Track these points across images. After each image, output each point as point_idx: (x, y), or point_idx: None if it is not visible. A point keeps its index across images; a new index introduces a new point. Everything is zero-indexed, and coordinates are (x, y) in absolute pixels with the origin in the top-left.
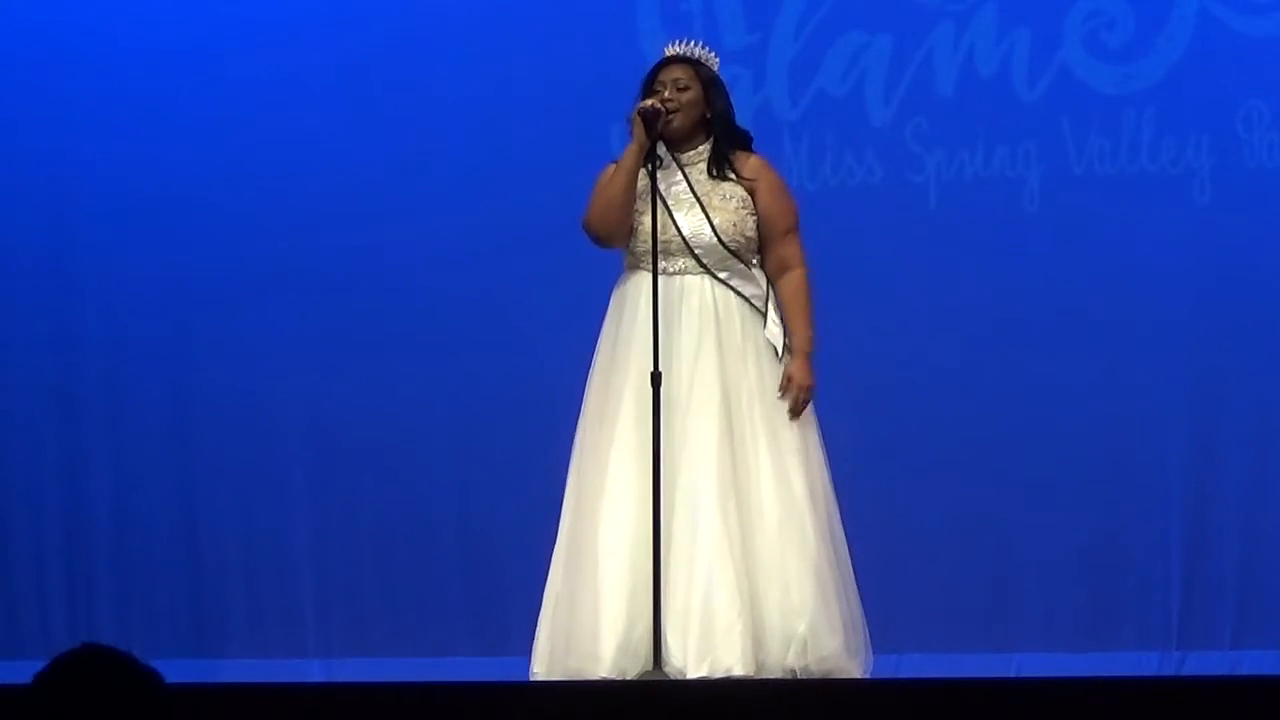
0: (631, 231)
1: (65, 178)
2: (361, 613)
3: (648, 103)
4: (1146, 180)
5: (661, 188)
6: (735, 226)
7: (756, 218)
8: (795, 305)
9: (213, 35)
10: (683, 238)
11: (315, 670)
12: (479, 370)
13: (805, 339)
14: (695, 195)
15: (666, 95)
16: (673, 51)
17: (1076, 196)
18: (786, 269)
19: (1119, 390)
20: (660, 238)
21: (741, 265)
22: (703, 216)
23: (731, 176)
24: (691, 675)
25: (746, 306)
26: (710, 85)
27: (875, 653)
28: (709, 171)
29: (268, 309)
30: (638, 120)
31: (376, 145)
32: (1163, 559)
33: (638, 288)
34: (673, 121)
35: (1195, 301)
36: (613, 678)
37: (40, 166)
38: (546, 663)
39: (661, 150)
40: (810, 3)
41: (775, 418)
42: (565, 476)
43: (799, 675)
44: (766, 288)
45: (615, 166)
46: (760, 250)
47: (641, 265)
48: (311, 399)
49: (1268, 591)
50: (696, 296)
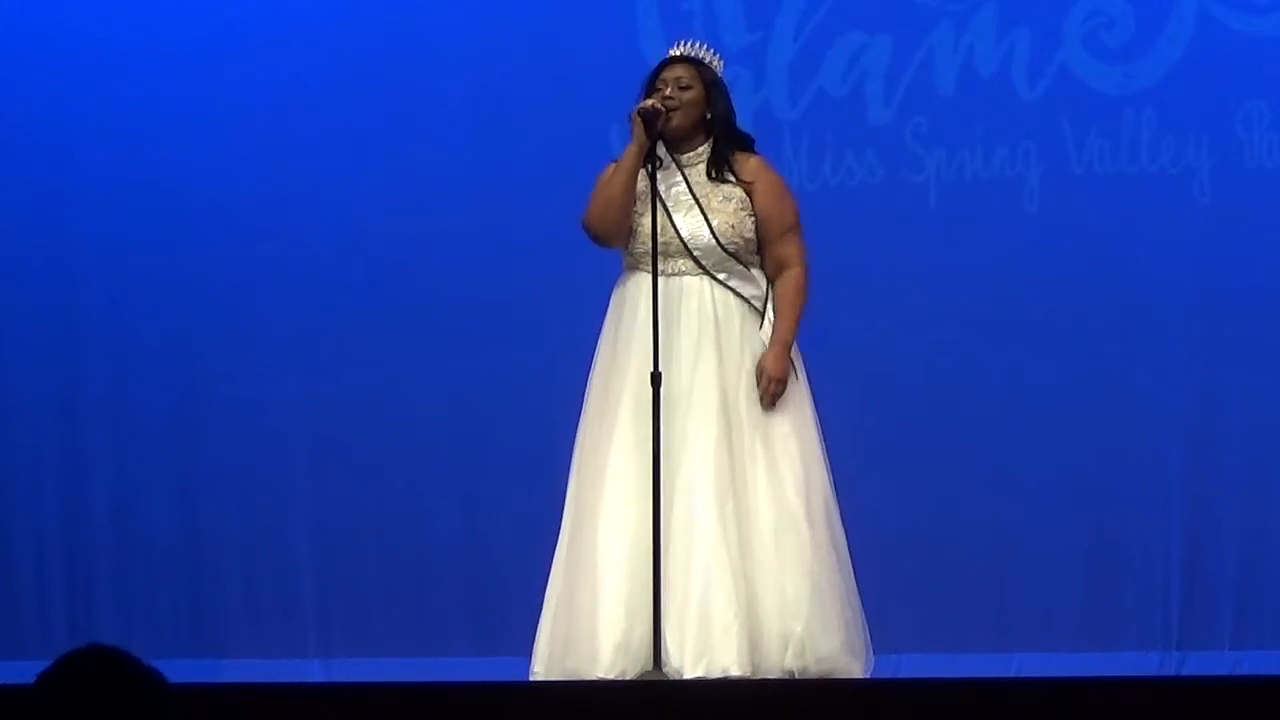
0: (630, 231)
1: (66, 178)
2: (361, 613)
3: (648, 103)
4: (1146, 180)
5: (661, 189)
6: (734, 228)
7: (755, 219)
8: (785, 300)
9: (213, 35)
10: (681, 239)
11: (315, 670)
12: (479, 370)
13: (786, 329)
14: (694, 197)
15: (668, 94)
16: (677, 51)
17: (1076, 196)
18: (785, 268)
19: (1119, 390)
20: (659, 239)
21: (740, 266)
22: (701, 218)
23: (730, 178)
24: (688, 675)
25: (746, 307)
26: (712, 86)
27: (875, 653)
28: (708, 173)
29: (267, 309)
30: (637, 120)
31: (377, 146)
32: (1163, 559)
33: (637, 289)
34: (673, 120)
35: (1195, 301)
36: (612, 678)
37: (41, 167)
38: (546, 663)
39: (661, 151)
40: (810, 3)
41: (774, 419)
42: (565, 477)
43: (796, 676)
44: (766, 288)
45: (615, 166)
46: (760, 250)
47: (641, 266)
48: (311, 398)
49: (1268, 591)
50: (695, 298)
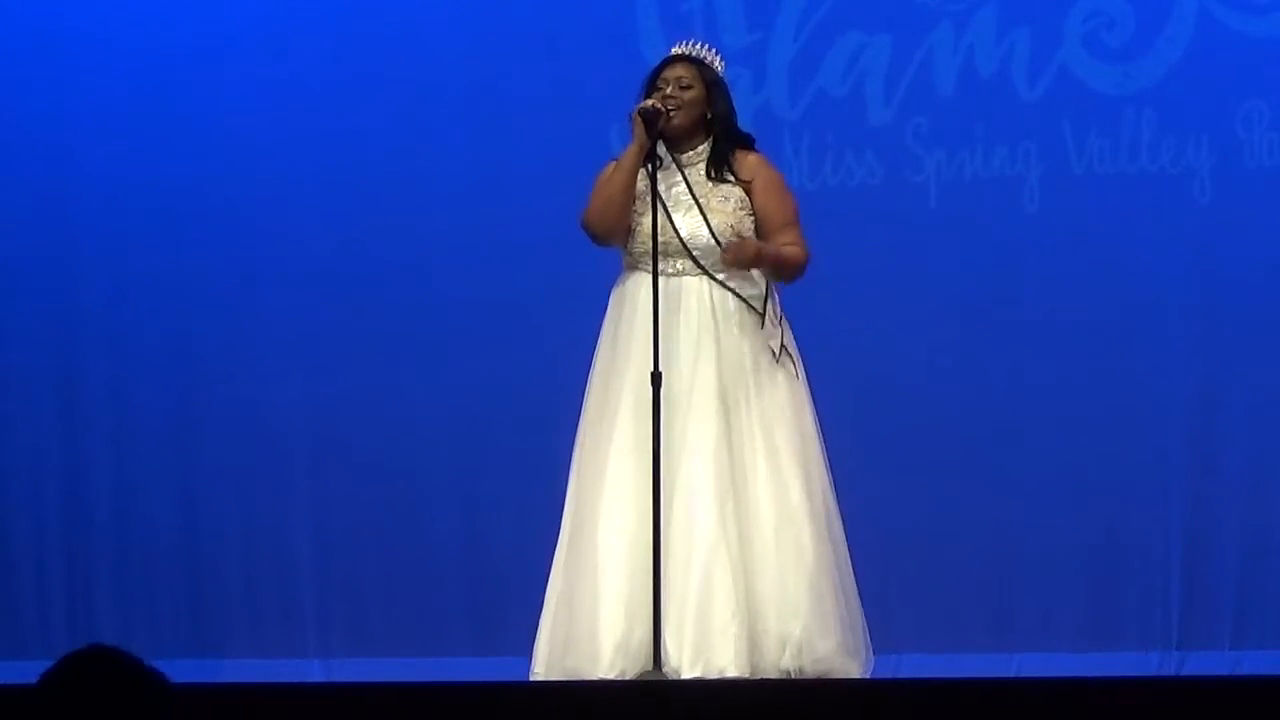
0: (630, 230)
1: (66, 178)
2: (361, 613)
3: (648, 102)
4: (1146, 180)
5: (661, 189)
6: (733, 228)
7: (754, 218)
8: (781, 249)
9: (213, 35)
10: (681, 239)
11: (315, 670)
12: (479, 370)
13: (770, 248)
14: (693, 196)
15: (668, 93)
16: (678, 50)
17: (1076, 196)
18: None
19: (1119, 390)
20: (659, 239)
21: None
22: (700, 218)
23: (730, 178)
24: (686, 675)
25: (745, 307)
26: (713, 86)
27: (875, 653)
28: (708, 173)
29: (267, 309)
30: (637, 120)
31: (377, 146)
32: (1163, 559)
33: (637, 288)
34: (673, 119)
35: (1195, 301)
36: (611, 678)
37: (41, 167)
38: (546, 663)
39: (661, 150)
40: (810, 3)
41: (773, 419)
42: (565, 477)
43: (794, 677)
44: (765, 288)
45: (615, 165)
46: None
47: (640, 266)
48: (311, 399)
49: (1268, 591)
50: (695, 297)
